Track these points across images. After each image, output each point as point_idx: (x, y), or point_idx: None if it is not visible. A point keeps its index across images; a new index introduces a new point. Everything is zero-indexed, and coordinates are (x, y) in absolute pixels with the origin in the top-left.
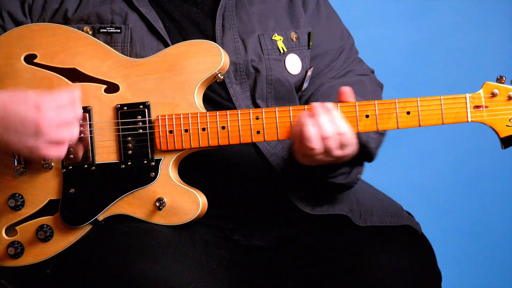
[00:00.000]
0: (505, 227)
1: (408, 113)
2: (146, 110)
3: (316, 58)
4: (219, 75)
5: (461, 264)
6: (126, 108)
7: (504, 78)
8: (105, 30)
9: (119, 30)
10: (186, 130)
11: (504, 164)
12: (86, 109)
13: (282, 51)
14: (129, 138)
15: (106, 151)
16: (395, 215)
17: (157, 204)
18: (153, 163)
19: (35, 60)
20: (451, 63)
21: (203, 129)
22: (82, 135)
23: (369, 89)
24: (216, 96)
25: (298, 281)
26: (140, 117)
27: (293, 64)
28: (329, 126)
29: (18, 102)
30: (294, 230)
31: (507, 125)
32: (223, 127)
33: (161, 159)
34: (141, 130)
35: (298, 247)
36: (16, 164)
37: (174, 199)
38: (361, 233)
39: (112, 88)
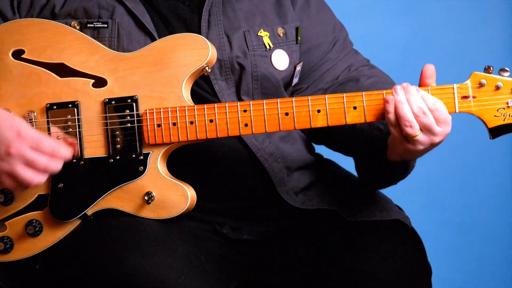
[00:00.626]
0: (495, 220)
1: None
2: (134, 104)
3: (309, 52)
4: (206, 68)
5: (451, 258)
6: (114, 102)
7: (491, 68)
8: (92, 25)
9: (106, 25)
10: (174, 124)
11: (494, 158)
12: (74, 104)
13: (268, 47)
14: (117, 132)
15: (94, 146)
16: (385, 209)
17: (146, 198)
18: (142, 157)
19: (23, 56)
20: (443, 57)
21: (191, 123)
22: (70, 129)
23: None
24: (202, 91)
25: (287, 275)
26: (128, 111)
27: (280, 60)
28: (421, 103)
29: (5, 120)
30: (283, 224)
31: (495, 115)
32: (211, 120)
33: (149, 153)
34: (129, 124)
35: (287, 241)
36: None
37: (163, 193)
38: (351, 227)
39: (100, 82)
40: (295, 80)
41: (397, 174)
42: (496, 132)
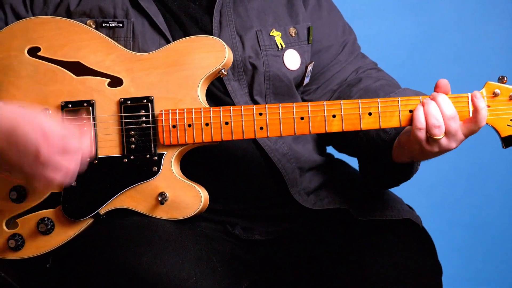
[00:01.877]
0: (505, 220)
1: (410, 111)
2: (149, 104)
3: (319, 53)
4: (222, 70)
5: (462, 257)
6: (129, 102)
7: (505, 78)
8: (108, 25)
9: (121, 25)
10: (189, 125)
11: (504, 158)
12: (89, 103)
13: (280, 46)
14: (132, 132)
15: (109, 145)
16: (396, 208)
17: (159, 198)
18: (156, 158)
19: (39, 53)
20: (452, 60)
21: (207, 125)
22: (85, 128)
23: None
24: (216, 90)
25: (299, 276)
26: (143, 111)
27: (292, 60)
28: (451, 107)
29: (24, 119)
30: (295, 224)
31: (508, 125)
32: (227, 123)
33: (163, 153)
34: (144, 125)
35: (298, 241)
36: None
37: (176, 193)
38: (362, 227)
39: (115, 82)
40: (306, 80)
41: (401, 176)
42: (508, 141)
